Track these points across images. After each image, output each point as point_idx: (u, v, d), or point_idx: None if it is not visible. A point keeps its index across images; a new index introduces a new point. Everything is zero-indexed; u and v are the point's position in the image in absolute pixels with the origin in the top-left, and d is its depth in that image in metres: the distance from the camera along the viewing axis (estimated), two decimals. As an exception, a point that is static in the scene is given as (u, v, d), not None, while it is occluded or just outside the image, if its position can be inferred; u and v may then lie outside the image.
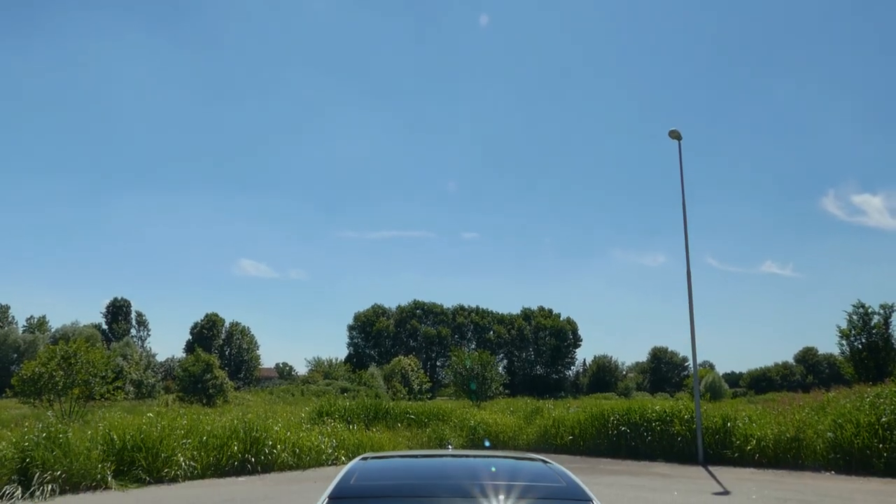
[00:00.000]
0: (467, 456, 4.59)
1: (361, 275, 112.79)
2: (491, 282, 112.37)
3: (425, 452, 3.85)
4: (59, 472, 12.69)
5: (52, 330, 71.48)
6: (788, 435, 17.44)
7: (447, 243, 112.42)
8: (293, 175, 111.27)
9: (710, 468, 17.04)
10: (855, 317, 36.41)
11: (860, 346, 36.06)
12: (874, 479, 15.13)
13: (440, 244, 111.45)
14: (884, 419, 16.30)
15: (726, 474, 15.88)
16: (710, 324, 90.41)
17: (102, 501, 12.03)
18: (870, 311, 36.21)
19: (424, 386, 59.48)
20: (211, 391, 42.95)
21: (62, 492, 12.69)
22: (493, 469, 3.87)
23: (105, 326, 76.77)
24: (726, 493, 13.35)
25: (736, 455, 17.97)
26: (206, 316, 75.93)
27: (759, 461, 17.48)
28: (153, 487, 13.72)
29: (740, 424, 18.62)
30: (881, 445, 15.94)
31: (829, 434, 16.81)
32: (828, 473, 16.07)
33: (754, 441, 17.83)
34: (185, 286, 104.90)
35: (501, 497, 3.31)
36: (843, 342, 36.77)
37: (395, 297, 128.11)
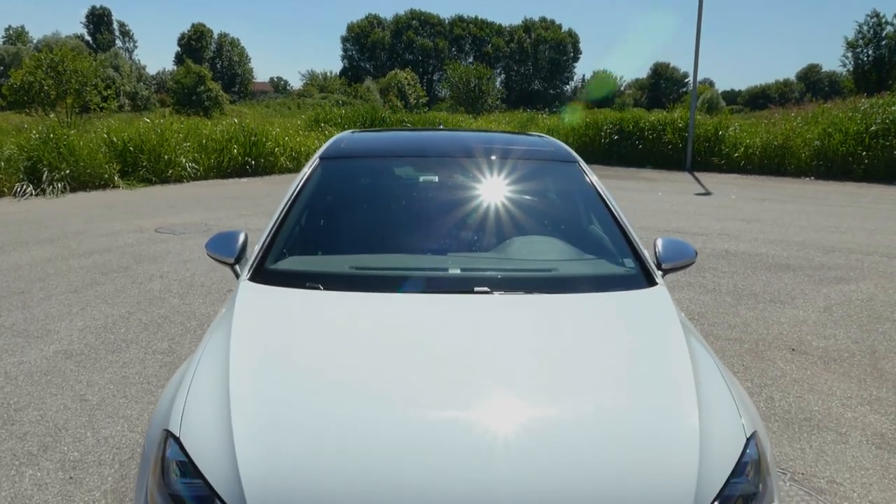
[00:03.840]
0: (459, 131, 4.69)
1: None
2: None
3: (415, 129, 3.87)
4: (66, 171, 13.12)
5: (34, 41, 68.85)
6: (776, 143, 17.80)
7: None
8: None
9: (696, 174, 17.67)
10: (866, 27, 34.97)
11: (866, 59, 35.15)
12: (851, 183, 15.78)
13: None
14: (873, 128, 16.51)
15: (710, 179, 16.51)
16: (716, 39, 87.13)
17: (112, 198, 12.60)
18: (883, 20, 34.69)
19: (421, 100, 59.10)
20: (206, 103, 42.79)
21: (72, 190, 13.25)
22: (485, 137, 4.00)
23: (88, 38, 73.89)
24: (708, 193, 14.00)
25: (723, 163, 18.52)
26: (193, 26, 72.82)
27: (745, 168, 18.07)
28: (159, 187, 14.29)
29: (731, 133, 18.91)
30: (864, 153, 16.36)
31: (816, 143, 17.16)
32: (808, 179, 16.71)
33: (742, 149, 18.26)
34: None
35: (493, 156, 3.44)
36: (849, 55, 35.81)
37: (390, 6, 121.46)
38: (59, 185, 12.95)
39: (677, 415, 1.94)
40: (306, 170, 3.37)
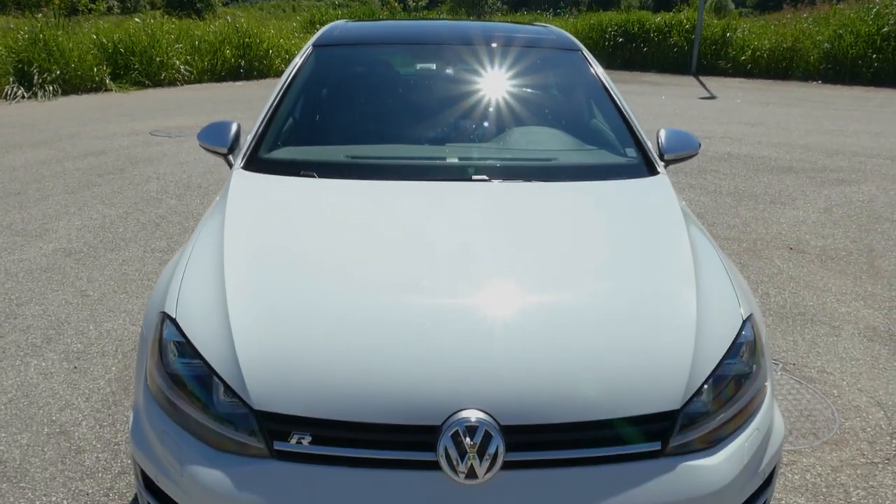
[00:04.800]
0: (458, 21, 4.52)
1: None
2: None
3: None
4: (57, 73, 12.80)
5: (16, -62, 65.79)
6: (785, 45, 17.30)
7: None
8: None
9: (701, 78, 17.26)
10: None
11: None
12: (859, 87, 15.44)
13: None
14: (885, 29, 16.00)
15: (716, 83, 16.15)
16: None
17: (105, 101, 12.34)
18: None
19: (420, 2, 57.10)
20: (198, 5, 41.32)
21: (64, 93, 12.96)
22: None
23: (72, -66, 70.56)
24: (712, 97, 13.72)
25: (729, 66, 18.06)
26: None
27: (751, 72, 17.64)
28: (152, 90, 13.98)
29: (739, 35, 18.36)
30: (875, 56, 15.92)
31: (825, 45, 16.67)
32: (815, 83, 16.34)
33: (750, 51, 17.76)
34: None
35: (493, 44, 3.32)
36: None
37: None
38: (51, 88, 12.65)
39: (675, 297, 1.94)
40: (298, 59, 3.26)
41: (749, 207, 6.10)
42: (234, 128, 2.97)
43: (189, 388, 1.78)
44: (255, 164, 2.67)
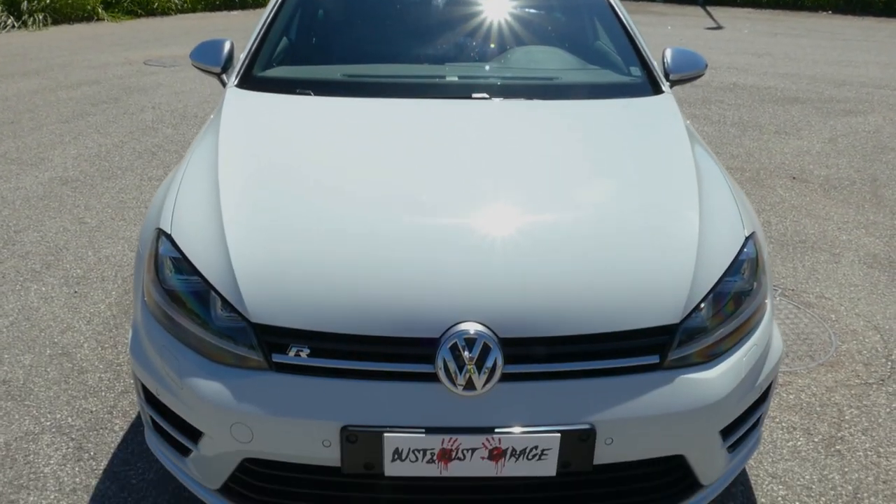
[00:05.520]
0: None
1: None
2: None
3: None
4: (47, 2, 12.46)
5: None
6: (796, -27, 16.81)
7: None
8: None
9: (709, 8, 16.82)
10: None
11: None
12: (870, 17, 15.07)
13: None
14: (900, -44, 15.50)
15: (723, 13, 15.75)
16: None
17: (97, 30, 12.05)
18: None
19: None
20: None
21: (55, 22, 12.64)
22: None
23: None
24: (719, 28, 13.40)
25: (737, -4, 17.58)
26: None
27: (760, 2, 17.18)
28: (146, 19, 13.64)
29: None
30: (888, -16, 15.48)
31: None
32: (825, 13, 15.94)
33: (759, -20, 17.26)
34: None
35: None
36: None
37: None
38: (41, 17, 12.33)
39: (678, 213, 1.92)
40: (294, -25, 3.14)
41: (753, 138, 6.02)
42: (227, 46, 2.89)
43: (187, 303, 1.77)
44: (250, 82, 2.61)
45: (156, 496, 2.16)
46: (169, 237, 1.87)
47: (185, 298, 1.78)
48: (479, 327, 1.61)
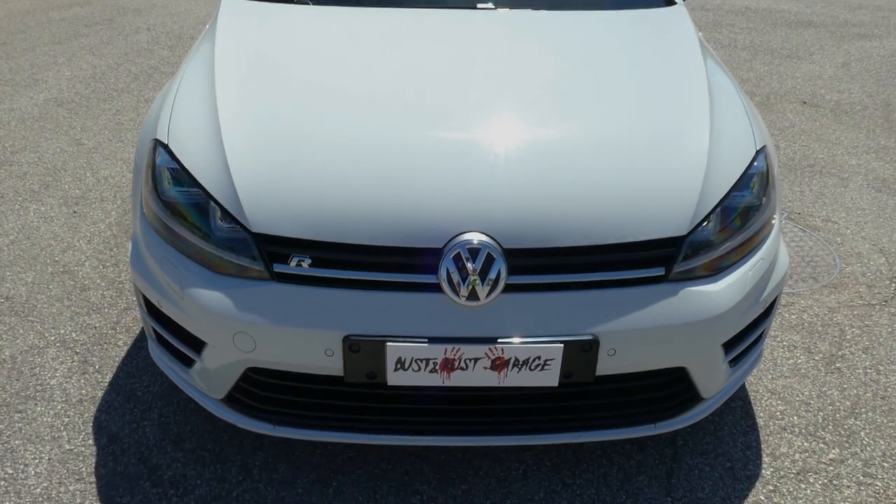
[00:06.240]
0: None
1: None
2: None
3: None
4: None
5: None
6: None
7: None
8: None
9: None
10: None
11: None
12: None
13: None
14: None
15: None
16: None
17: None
18: None
19: None
20: None
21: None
22: None
23: None
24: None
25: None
26: None
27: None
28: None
29: None
30: None
31: None
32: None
33: None
34: None
35: None
36: None
37: None
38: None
39: (687, 126, 1.87)
40: None
41: (764, 62, 5.87)
42: None
43: (186, 214, 1.74)
44: (246, -10, 2.51)
45: (161, 407, 2.18)
46: (166, 148, 1.83)
47: (185, 210, 1.75)
48: (483, 237, 1.58)
